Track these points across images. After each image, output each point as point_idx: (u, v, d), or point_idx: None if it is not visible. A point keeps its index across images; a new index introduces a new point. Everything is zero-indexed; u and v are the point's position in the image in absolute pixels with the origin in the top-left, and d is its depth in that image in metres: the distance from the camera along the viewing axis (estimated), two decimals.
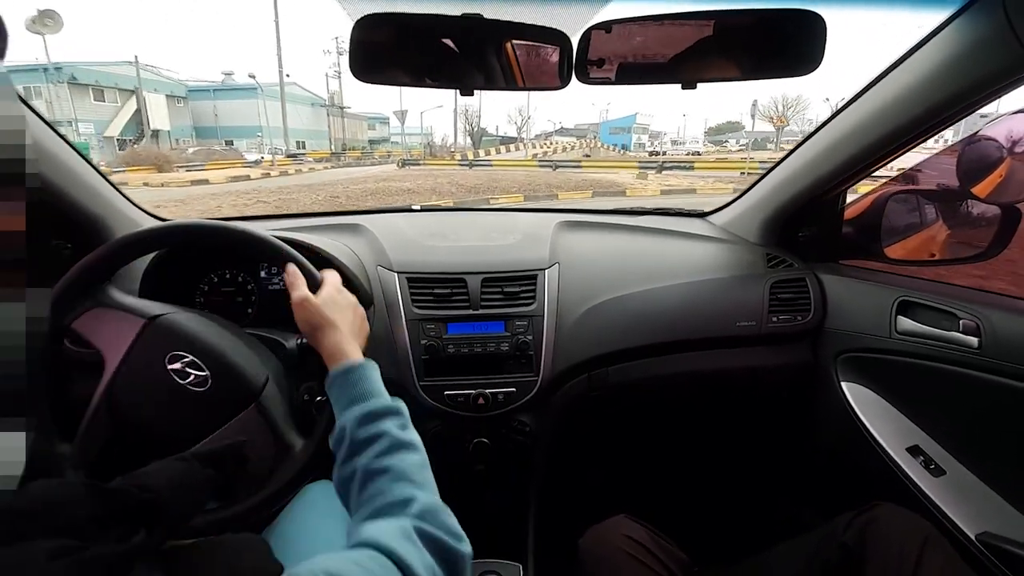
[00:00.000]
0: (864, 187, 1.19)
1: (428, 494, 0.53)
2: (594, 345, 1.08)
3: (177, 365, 0.68)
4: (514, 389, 1.01)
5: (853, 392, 1.09)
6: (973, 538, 0.85)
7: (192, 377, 0.69)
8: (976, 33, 0.73)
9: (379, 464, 0.53)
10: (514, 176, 16.05)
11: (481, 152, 28.44)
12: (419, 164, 22.98)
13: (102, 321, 0.70)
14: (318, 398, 0.82)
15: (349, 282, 0.99)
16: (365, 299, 1.01)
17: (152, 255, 0.95)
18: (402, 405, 0.60)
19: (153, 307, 0.73)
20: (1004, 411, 0.86)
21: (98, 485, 0.40)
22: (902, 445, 1.00)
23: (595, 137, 46.88)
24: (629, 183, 13.84)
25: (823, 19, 0.69)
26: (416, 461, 0.56)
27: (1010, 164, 0.96)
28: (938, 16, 0.76)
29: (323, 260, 0.97)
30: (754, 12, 0.73)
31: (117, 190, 1.10)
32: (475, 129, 40.81)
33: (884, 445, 1.01)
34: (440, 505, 0.53)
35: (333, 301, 0.68)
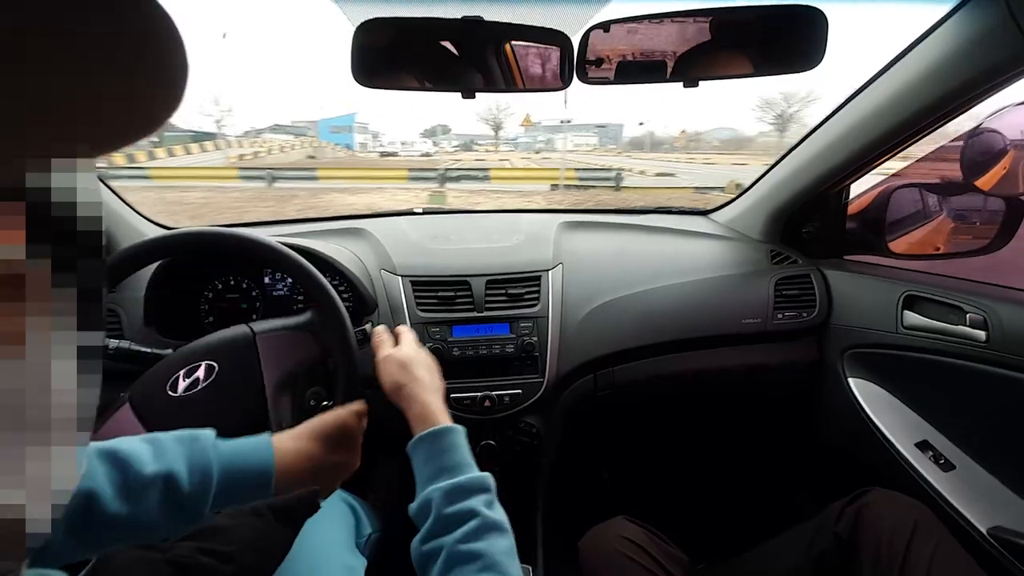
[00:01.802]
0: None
1: None
2: (599, 345, 1.08)
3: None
4: (520, 391, 1.01)
5: (860, 388, 1.09)
6: (984, 532, 0.85)
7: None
8: (978, 25, 0.73)
9: (467, 548, 0.50)
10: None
11: (160, 152, 18.10)
12: None
13: None
14: (324, 403, 0.82)
15: (353, 287, 1.00)
16: (369, 303, 1.01)
17: (158, 263, 0.96)
18: (491, 480, 0.57)
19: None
20: (1013, 405, 0.86)
21: (180, 561, 0.39)
22: (911, 440, 0.99)
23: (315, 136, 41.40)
24: None
25: (824, 14, 0.69)
26: (505, 547, 0.53)
27: (1014, 156, 0.96)
28: (940, 9, 0.76)
29: (329, 267, 0.97)
30: (754, 9, 0.73)
31: (120, 199, 1.10)
32: None
33: (893, 440, 1.00)
34: None
35: (417, 358, 0.69)
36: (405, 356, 0.68)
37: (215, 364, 0.71)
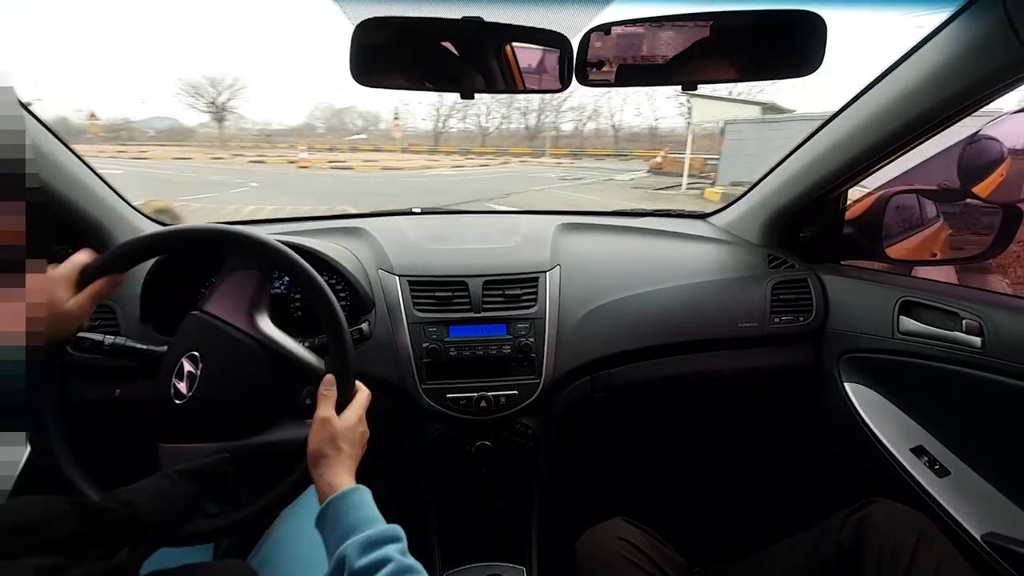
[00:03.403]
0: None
1: None
2: (596, 347, 1.07)
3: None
4: (516, 392, 1.01)
5: (856, 393, 1.09)
6: (978, 538, 0.85)
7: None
8: (976, 32, 0.73)
9: None
10: None
11: None
12: None
13: None
14: None
15: (350, 286, 0.99)
16: (366, 303, 1.01)
17: (154, 259, 0.95)
18: (401, 531, 0.56)
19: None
20: (1008, 411, 0.86)
21: (82, 502, 0.40)
22: (906, 445, 0.99)
23: None
24: None
25: (823, 19, 0.69)
26: None
27: (1011, 164, 0.96)
28: (938, 16, 0.76)
29: (326, 266, 0.97)
30: (754, 13, 0.73)
31: (118, 195, 1.10)
32: None
33: (888, 446, 1.00)
34: None
35: (352, 433, 0.65)
36: (342, 429, 0.64)
37: (196, 353, 0.70)
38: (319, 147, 31.95)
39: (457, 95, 0.81)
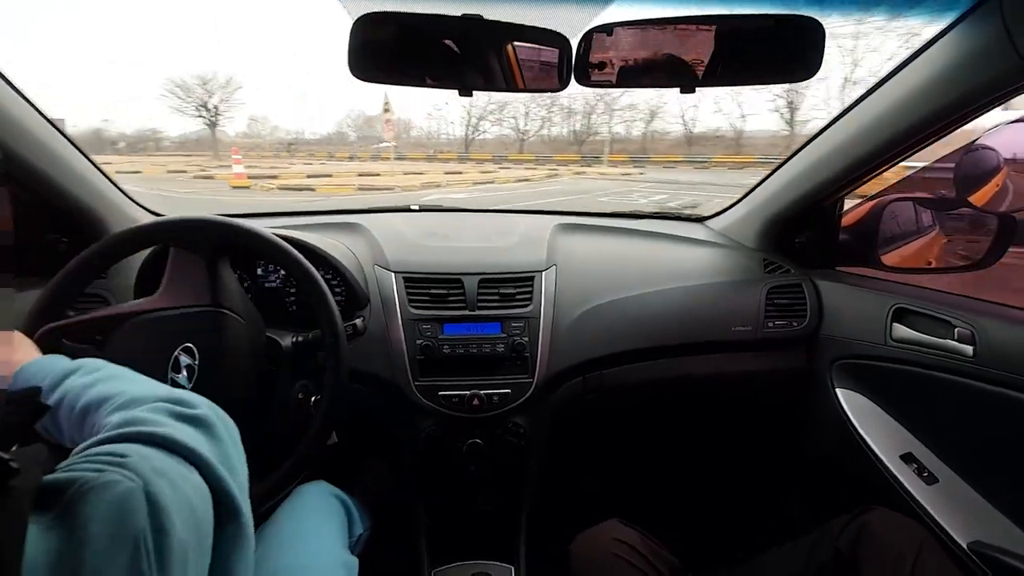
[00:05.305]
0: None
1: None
2: (590, 348, 1.08)
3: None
4: (509, 391, 1.01)
5: (848, 399, 1.09)
6: (965, 547, 0.85)
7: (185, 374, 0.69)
8: (974, 42, 0.73)
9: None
10: None
11: None
12: None
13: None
14: (313, 398, 0.82)
15: (345, 281, 1.00)
16: (361, 298, 1.01)
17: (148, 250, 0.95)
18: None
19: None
20: (997, 420, 0.86)
21: None
22: (896, 452, 1.00)
23: None
24: None
25: (822, 25, 0.70)
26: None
27: (1007, 173, 0.97)
28: (937, 25, 0.76)
29: (322, 261, 0.97)
30: (755, 18, 0.73)
31: (114, 184, 1.09)
32: None
33: (878, 452, 1.01)
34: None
35: None
36: None
37: (190, 344, 0.70)
38: (339, 156, 28.77)
39: (502, 94, 0.81)
